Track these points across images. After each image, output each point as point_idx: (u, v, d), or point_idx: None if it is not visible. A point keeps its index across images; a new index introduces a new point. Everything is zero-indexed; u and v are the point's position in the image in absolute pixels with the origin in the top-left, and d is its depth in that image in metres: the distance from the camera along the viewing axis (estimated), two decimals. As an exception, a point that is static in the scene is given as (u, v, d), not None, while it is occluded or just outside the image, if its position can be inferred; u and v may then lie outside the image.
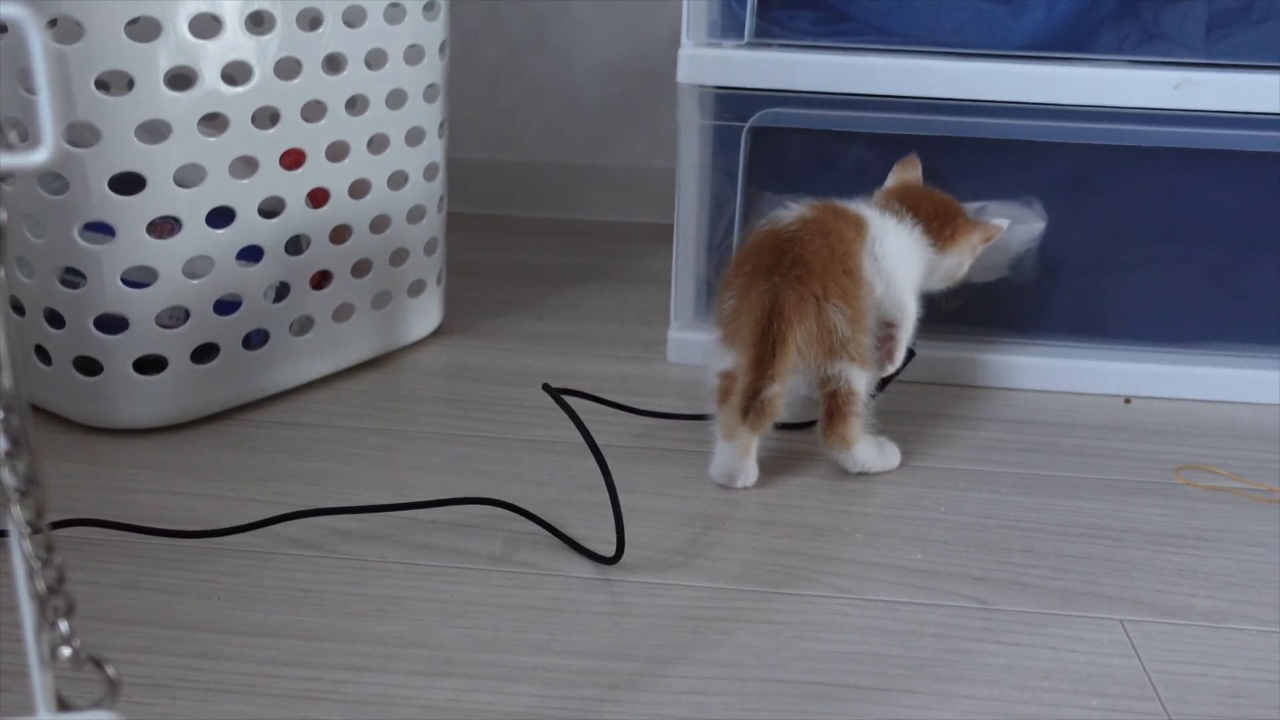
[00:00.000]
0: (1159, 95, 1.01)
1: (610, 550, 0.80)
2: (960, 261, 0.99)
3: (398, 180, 1.06)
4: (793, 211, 0.91)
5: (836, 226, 0.90)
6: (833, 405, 0.88)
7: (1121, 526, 0.87)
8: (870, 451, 0.91)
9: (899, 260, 0.93)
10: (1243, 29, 1.03)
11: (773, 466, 0.93)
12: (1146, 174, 1.11)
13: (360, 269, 1.06)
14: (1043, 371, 1.11)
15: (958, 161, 1.14)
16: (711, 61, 1.04)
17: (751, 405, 0.85)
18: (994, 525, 0.86)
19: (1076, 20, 1.04)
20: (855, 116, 1.05)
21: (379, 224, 1.06)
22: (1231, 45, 1.03)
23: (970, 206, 1.13)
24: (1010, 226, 1.05)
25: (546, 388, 0.91)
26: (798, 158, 1.14)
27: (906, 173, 1.04)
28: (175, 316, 0.94)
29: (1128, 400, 1.09)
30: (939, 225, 0.98)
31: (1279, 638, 0.75)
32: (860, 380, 0.88)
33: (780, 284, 0.85)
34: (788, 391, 0.87)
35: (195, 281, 0.93)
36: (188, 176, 0.91)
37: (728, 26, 1.05)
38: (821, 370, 0.87)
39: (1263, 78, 1.01)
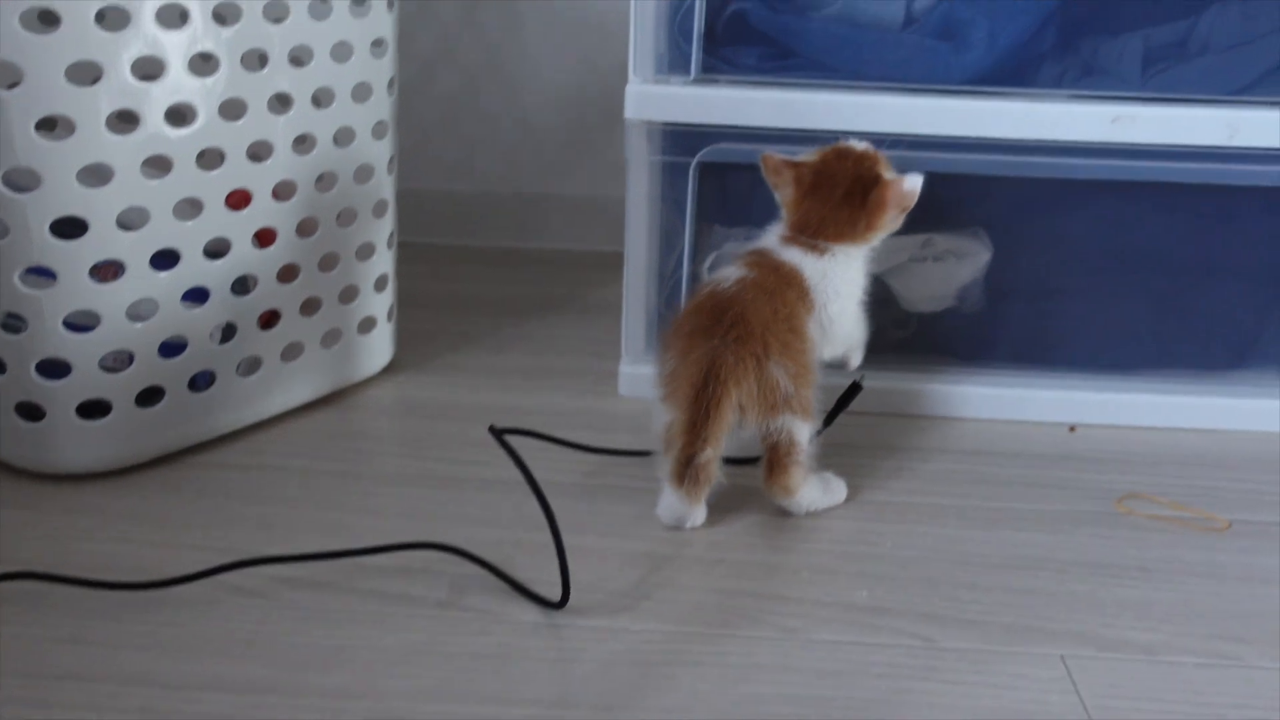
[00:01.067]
0: (1097, 129, 1.03)
1: (557, 592, 0.80)
2: (891, 227, 0.95)
3: (346, 218, 1.06)
4: (733, 272, 0.92)
5: (778, 287, 0.90)
6: (774, 456, 0.89)
7: (1065, 558, 0.89)
8: (814, 493, 0.92)
9: (843, 311, 0.94)
10: (1178, 64, 1.05)
11: (721, 503, 0.93)
12: (1088, 205, 1.13)
13: (309, 307, 1.05)
14: (989, 401, 1.12)
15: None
16: (658, 98, 1.05)
17: (686, 472, 0.85)
18: (940, 560, 0.87)
19: (1016, 55, 1.05)
20: (802, 151, 1.06)
21: (328, 262, 1.06)
22: (1167, 80, 1.05)
23: (917, 238, 1.14)
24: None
25: (492, 430, 0.91)
26: (746, 192, 1.15)
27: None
28: (119, 360, 0.93)
29: (1072, 428, 1.11)
30: (853, 221, 0.93)
31: (1217, 670, 0.76)
32: (803, 431, 0.89)
33: (719, 346, 0.86)
34: (723, 451, 0.87)
35: (139, 325, 0.93)
36: (131, 219, 0.90)
37: (675, 63, 1.06)
38: (764, 426, 0.88)
39: (1197, 111, 1.03)
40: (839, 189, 0.93)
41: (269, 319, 1.02)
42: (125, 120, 0.88)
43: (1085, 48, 1.07)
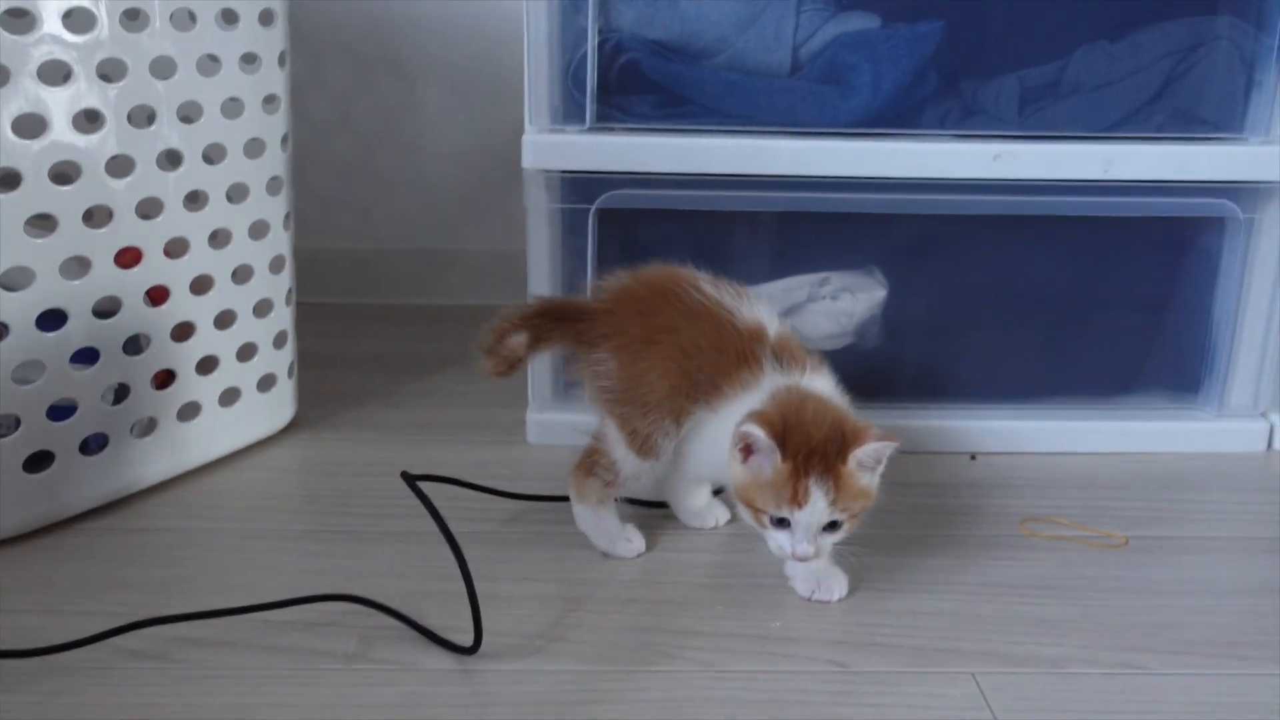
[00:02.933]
0: (980, 166, 1.07)
1: (470, 639, 0.78)
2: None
3: (243, 274, 1.05)
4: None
5: (737, 340, 0.88)
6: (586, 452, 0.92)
7: (972, 581, 0.90)
8: (588, 518, 0.92)
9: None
10: (1053, 103, 1.10)
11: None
12: (977, 241, 1.17)
13: (205, 366, 1.03)
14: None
15: (799, 235, 1.18)
16: (555, 147, 1.06)
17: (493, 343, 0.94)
18: (850, 588, 0.88)
19: (901, 98, 1.09)
20: (698, 195, 1.08)
21: (224, 319, 1.04)
22: (1043, 118, 1.10)
23: (814, 277, 1.17)
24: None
25: (405, 476, 0.90)
26: (646, 237, 1.16)
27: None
28: (4, 424, 0.90)
29: (973, 457, 1.13)
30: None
31: (1123, 679, 0.78)
32: (614, 447, 0.89)
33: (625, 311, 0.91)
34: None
35: (25, 387, 0.90)
36: (15, 279, 0.88)
37: (570, 113, 1.07)
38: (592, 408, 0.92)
39: (1073, 147, 1.07)
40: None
41: (164, 379, 1.00)
42: (7, 177, 0.86)
43: (965, 89, 1.11)
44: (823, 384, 0.87)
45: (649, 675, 0.77)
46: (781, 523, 0.81)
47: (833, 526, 0.82)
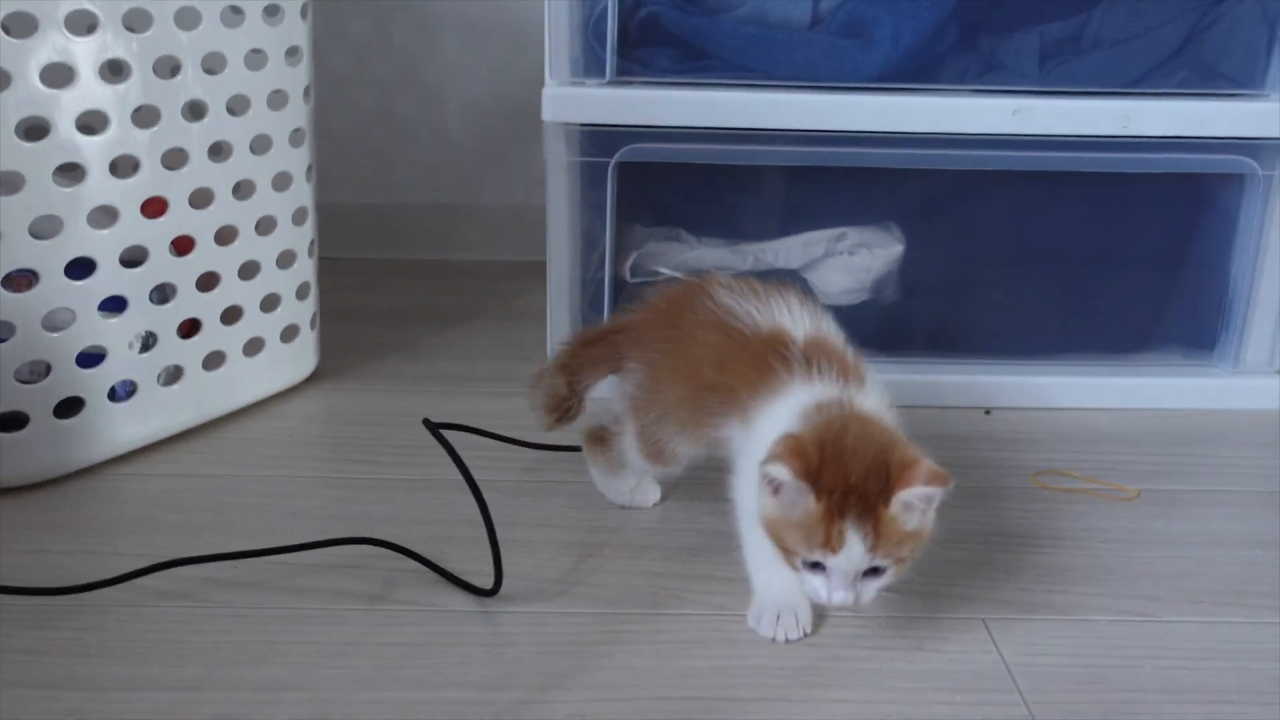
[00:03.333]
0: (999, 121, 1.07)
1: (490, 583, 0.80)
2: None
3: (266, 226, 1.06)
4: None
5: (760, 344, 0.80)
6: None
7: (985, 531, 0.91)
8: (604, 479, 0.93)
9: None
10: (1073, 58, 1.10)
11: (650, 492, 0.95)
12: (995, 197, 1.17)
13: (230, 316, 1.05)
14: (907, 388, 1.15)
15: (818, 190, 1.19)
16: (575, 100, 1.07)
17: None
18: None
19: (921, 52, 1.09)
20: (717, 149, 1.08)
21: (248, 270, 1.05)
22: (1063, 74, 1.09)
23: (832, 232, 1.17)
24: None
25: (427, 422, 0.91)
26: (665, 190, 1.17)
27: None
28: (35, 371, 0.92)
29: (988, 411, 1.14)
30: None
31: (1130, 626, 0.79)
32: (625, 434, 0.88)
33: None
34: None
35: (55, 335, 0.91)
36: (43, 228, 0.89)
37: (590, 66, 1.08)
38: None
39: (1093, 103, 1.07)
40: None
41: (190, 328, 1.02)
42: (35, 127, 0.87)
43: (985, 44, 1.11)
44: (872, 399, 0.76)
45: (663, 618, 0.78)
46: (816, 566, 0.71)
47: (875, 572, 0.71)
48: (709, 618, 0.79)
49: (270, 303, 1.08)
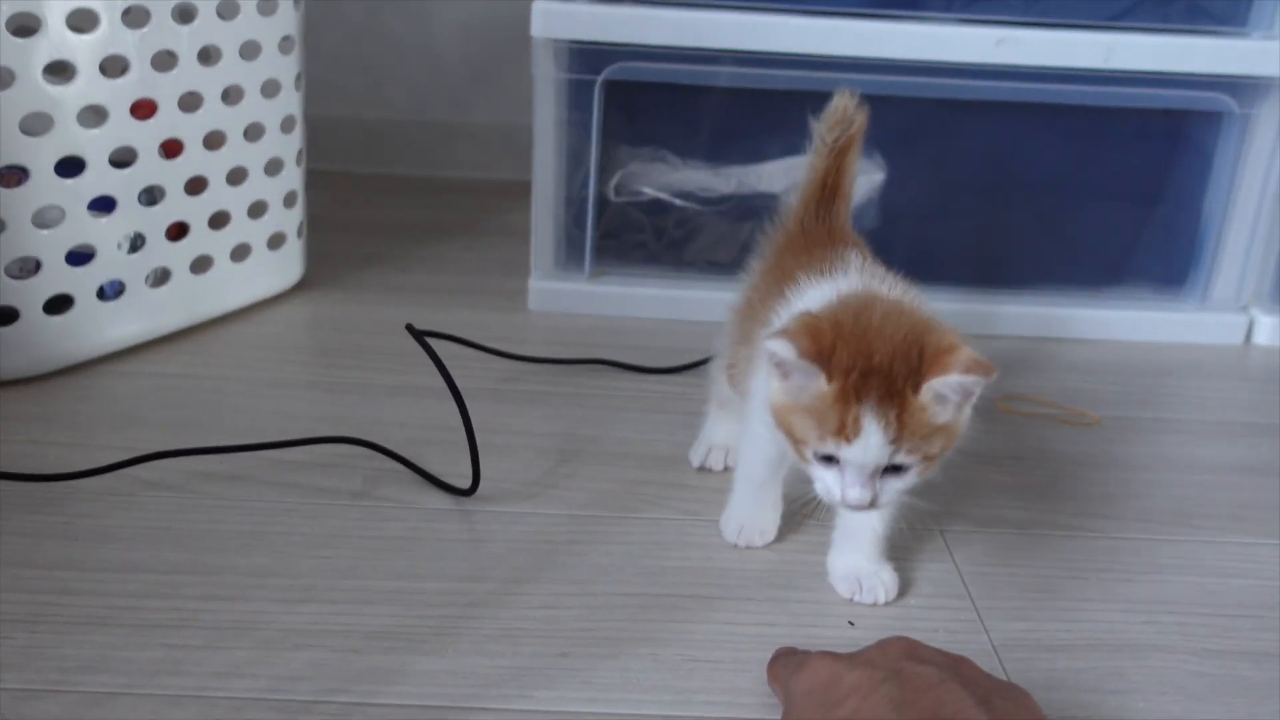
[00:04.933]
0: (983, 50, 1.08)
1: (468, 484, 0.83)
2: None
3: (254, 132, 1.07)
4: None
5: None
6: None
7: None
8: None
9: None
10: (1058, -10, 1.11)
11: (628, 406, 0.97)
12: (975, 127, 1.19)
13: (218, 221, 1.06)
14: (883, 313, 1.18)
15: (801, 114, 1.19)
16: (564, 16, 1.07)
17: None
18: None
19: (908, -21, 1.10)
20: (703, 70, 1.09)
21: (236, 176, 1.06)
22: (1048, 5, 1.10)
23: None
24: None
25: (410, 328, 0.93)
26: (651, 111, 1.18)
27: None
28: (25, 268, 0.93)
29: (960, 338, 1.17)
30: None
31: (1082, 540, 0.83)
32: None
33: None
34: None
35: (45, 232, 0.93)
36: (33, 125, 0.90)
37: (580, -18, 1.08)
38: None
39: (1076, 35, 1.08)
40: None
41: (178, 231, 1.03)
42: (24, 25, 0.88)
43: (973, -27, 1.12)
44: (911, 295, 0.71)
45: (635, 520, 0.82)
46: (829, 459, 0.64)
47: (896, 470, 0.64)
48: (679, 521, 0.82)
49: (257, 209, 1.10)
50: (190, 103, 1.00)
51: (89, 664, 0.64)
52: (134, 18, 0.94)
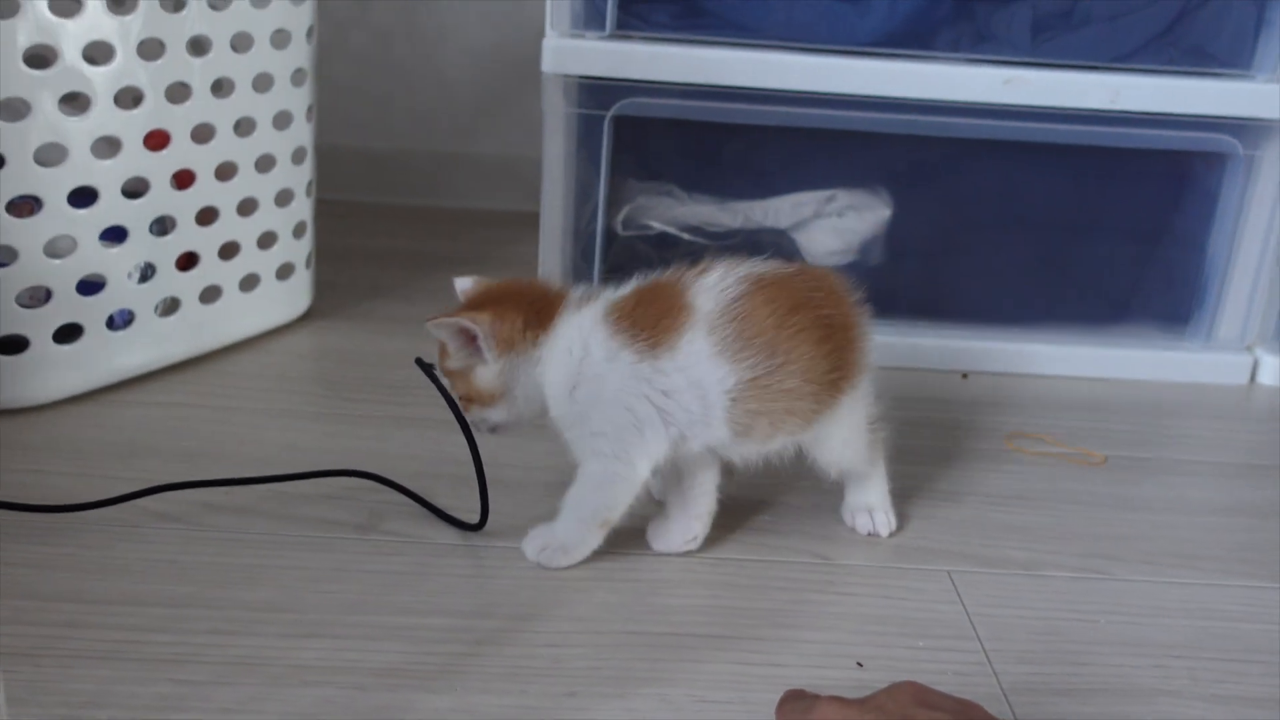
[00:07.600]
0: (990, 90, 1.09)
1: (476, 519, 0.83)
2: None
3: (265, 164, 1.07)
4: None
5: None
6: None
7: (956, 489, 0.94)
8: None
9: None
10: (1064, 32, 1.12)
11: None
12: (982, 165, 1.19)
13: (228, 251, 1.07)
14: (888, 350, 1.17)
15: (810, 151, 1.21)
16: (574, 52, 1.08)
17: None
18: (838, 491, 0.92)
19: (916, 20, 1.11)
20: (712, 107, 1.10)
21: (246, 207, 1.07)
22: (1055, 46, 1.11)
23: (822, 194, 1.20)
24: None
25: (419, 362, 0.93)
26: (659, 146, 1.19)
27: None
28: (36, 296, 0.94)
29: (965, 375, 1.17)
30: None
31: (1089, 583, 0.83)
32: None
33: None
34: None
35: (57, 261, 0.93)
36: (48, 156, 0.91)
37: (590, 18, 1.09)
38: None
39: (1083, 76, 1.09)
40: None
41: (188, 261, 1.03)
42: (40, 55, 0.88)
43: (979, 14, 1.12)
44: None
45: (642, 558, 0.81)
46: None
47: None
48: (685, 560, 0.82)
49: (267, 240, 1.10)
50: (203, 134, 1.01)
51: (94, 699, 0.64)
52: (148, 50, 0.94)
